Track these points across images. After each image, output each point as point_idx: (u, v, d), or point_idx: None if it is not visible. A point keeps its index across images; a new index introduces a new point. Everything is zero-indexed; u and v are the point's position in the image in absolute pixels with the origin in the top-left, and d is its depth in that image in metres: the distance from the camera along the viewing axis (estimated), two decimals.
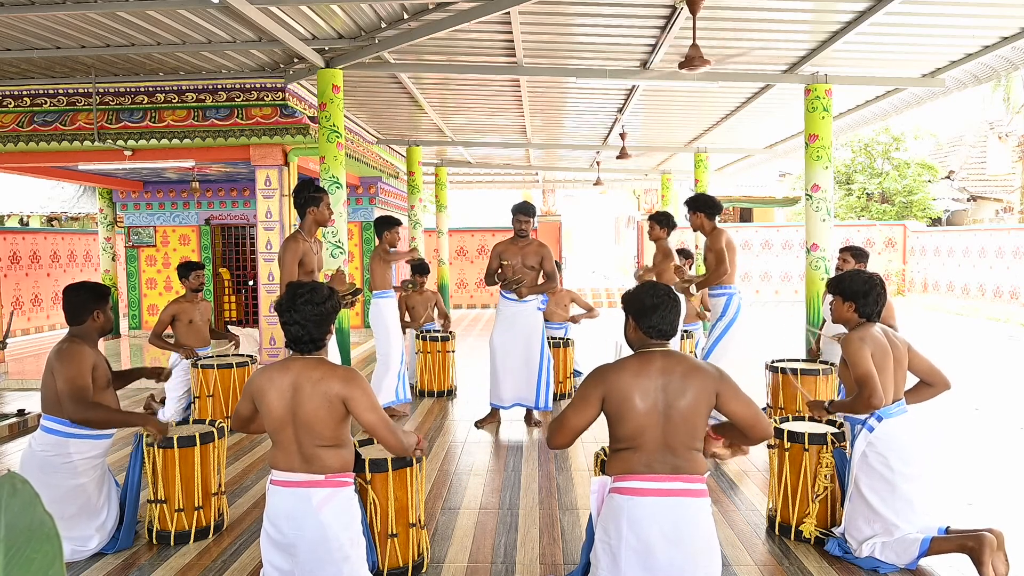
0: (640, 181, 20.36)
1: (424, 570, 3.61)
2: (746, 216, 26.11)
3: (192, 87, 8.43)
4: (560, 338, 7.62)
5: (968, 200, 24.20)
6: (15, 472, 0.87)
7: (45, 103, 8.57)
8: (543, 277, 6.25)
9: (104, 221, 13.21)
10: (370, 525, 3.39)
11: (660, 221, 6.37)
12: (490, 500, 4.58)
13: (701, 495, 2.51)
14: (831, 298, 3.83)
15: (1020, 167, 21.37)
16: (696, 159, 13.34)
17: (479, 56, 7.65)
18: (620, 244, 32.57)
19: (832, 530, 3.80)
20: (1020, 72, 16.38)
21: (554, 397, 6.72)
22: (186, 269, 5.96)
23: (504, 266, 6.20)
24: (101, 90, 8.48)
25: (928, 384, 3.70)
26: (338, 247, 7.46)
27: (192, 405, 6.13)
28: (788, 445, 3.93)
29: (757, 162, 15.27)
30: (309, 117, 8.62)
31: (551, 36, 6.98)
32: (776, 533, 3.99)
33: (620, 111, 10.19)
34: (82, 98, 8.53)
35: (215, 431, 4.08)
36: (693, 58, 5.42)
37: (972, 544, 3.28)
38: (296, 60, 7.92)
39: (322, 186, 6.00)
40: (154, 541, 3.94)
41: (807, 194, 7.85)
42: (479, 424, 6.44)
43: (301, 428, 2.63)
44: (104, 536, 3.83)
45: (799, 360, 5.88)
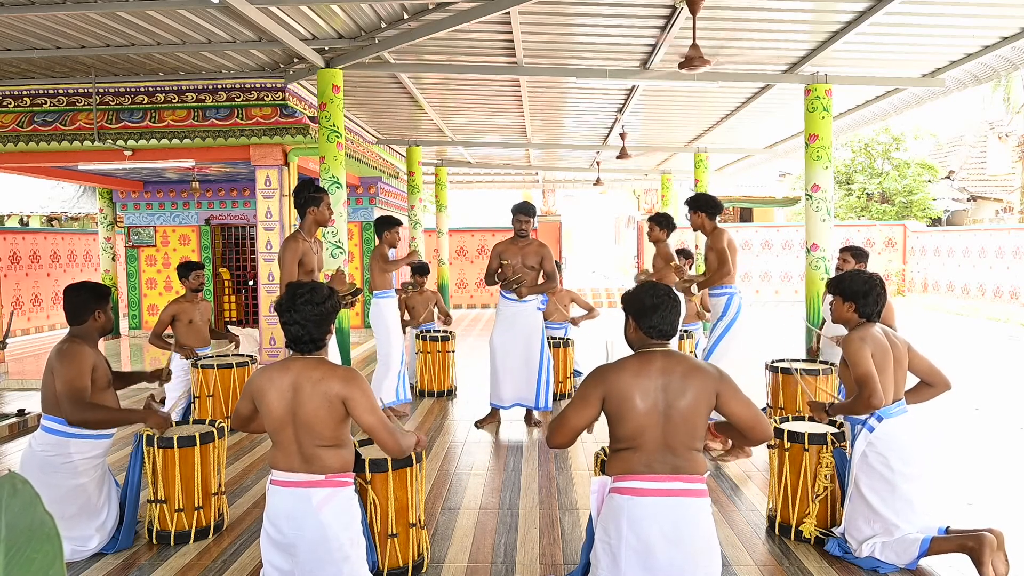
0: (640, 181, 20.37)
1: (424, 570, 3.61)
2: (746, 216, 26.11)
3: (192, 87, 8.44)
4: (560, 338, 7.62)
5: (968, 200, 24.20)
6: (15, 472, 0.87)
7: (45, 103, 8.57)
8: (543, 277, 6.25)
9: (104, 221, 13.22)
10: (370, 525, 3.39)
11: (660, 222, 6.37)
12: (490, 500, 4.58)
13: (701, 495, 2.52)
14: (831, 298, 3.83)
15: (1020, 167, 21.36)
16: (696, 159, 13.34)
17: (479, 56, 7.65)
18: (620, 244, 32.58)
19: (832, 530, 3.80)
20: (1020, 72, 16.38)
21: (554, 397, 6.72)
22: (186, 269, 5.96)
23: (504, 266, 6.20)
24: (101, 90, 8.48)
25: (928, 384, 3.70)
26: (338, 247, 7.47)
27: (192, 405, 6.13)
28: (788, 445, 3.93)
29: (757, 162, 15.27)
30: (309, 117, 8.62)
31: (551, 36, 6.98)
32: (776, 533, 3.99)
33: (620, 111, 10.19)
34: (82, 98, 8.54)
35: (215, 431, 4.08)
36: (693, 58, 5.42)
37: (972, 544, 3.28)
38: (296, 60, 7.93)
39: (322, 186, 6.00)
40: (154, 541, 3.94)
41: (807, 194, 7.85)
42: (479, 424, 6.44)
43: (301, 428, 2.63)
44: (104, 536, 3.83)
45: (799, 360, 5.88)
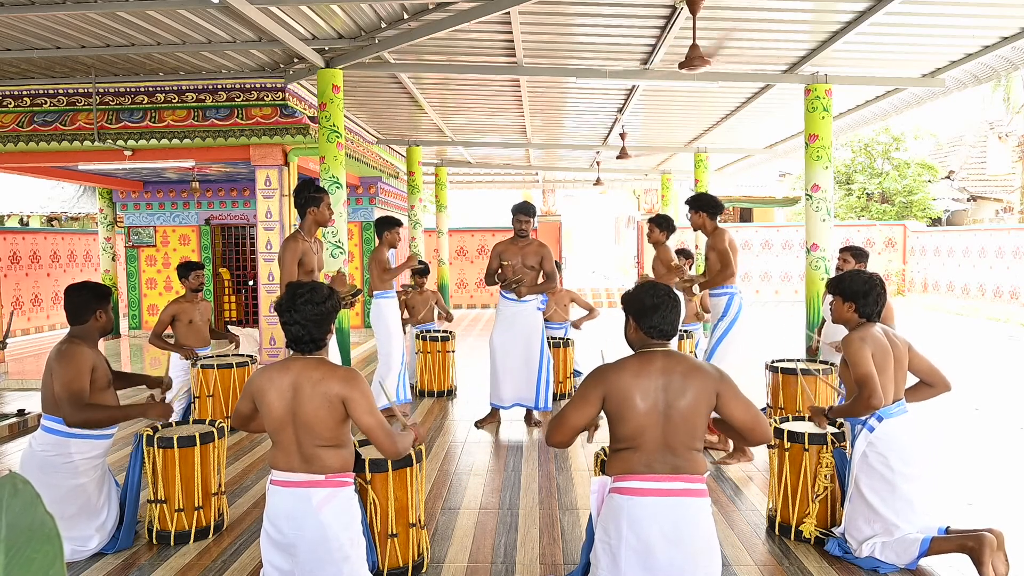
0: (640, 181, 20.38)
1: (424, 570, 3.61)
2: (746, 216, 26.11)
3: (192, 87, 8.44)
4: (560, 338, 7.62)
5: (968, 200, 24.20)
6: (16, 473, 0.87)
7: (45, 103, 8.57)
8: (543, 277, 6.25)
9: (104, 221, 13.22)
10: (370, 525, 3.39)
11: (660, 224, 6.36)
12: (490, 500, 4.58)
13: (701, 495, 2.52)
14: (831, 298, 3.83)
15: (1020, 167, 21.37)
16: (696, 159, 13.34)
17: (479, 56, 7.65)
18: (620, 244, 32.58)
19: (832, 530, 3.80)
20: (1020, 72, 16.38)
21: (554, 397, 6.72)
22: (186, 269, 5.96)
23: (504, 267, 6.20)
24: (101, 90, 8.48)
25: (928, 385, 3.70)
26: (338, 247, 7.47)
27: (192, 405, 6.13)
28: (788, 445, 3.93)
29: (757, 162, 15.28)
30: (309, 117, 8.62)
31: (551, 36, 6.98)
32: (776, 533, 3.99)
33: (620, 111, 10.19)
34: (82, 98, 8.54)
35: (215, 431, 4.08)
36: (693, 58, 5.43)
37: (972, 544, 3.28)
38: (296, 60, 7.93)
39: (322, 186, 6.00)
40: (154, 541, 3.94)
41: (807, 194, 7.85)
42: (479, 424, 6.44)
43: (301, 428, 2.63)
44: (104, 536, 3.83)
45: (799, 360, 5.87)
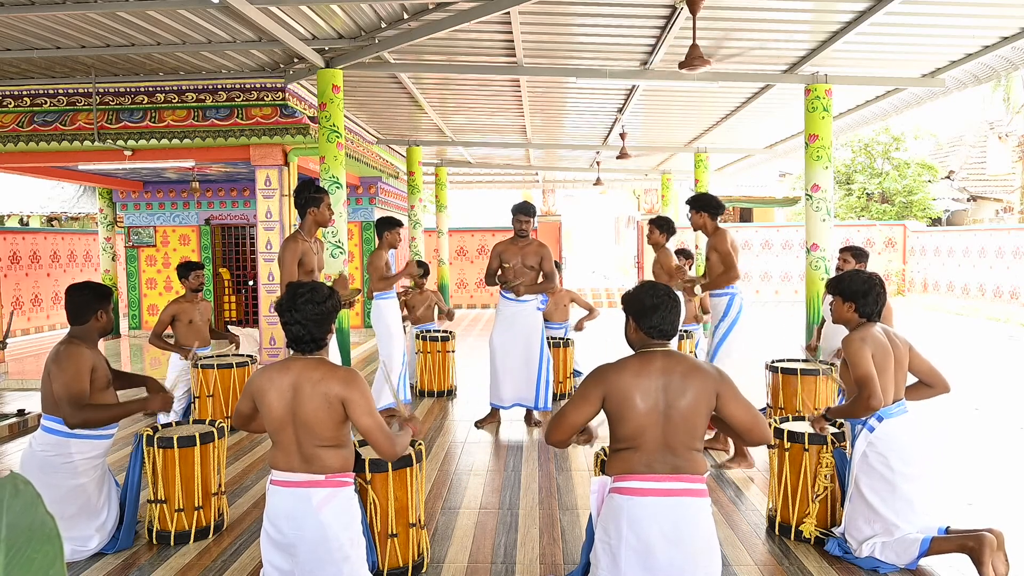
0: (640, 181, 20.37)
1: (424, 570, 3.61)
2: (746, 216, 26.11)
3: (192, 87, 8.44)
4: (560, 338, 7.61)
5: (968, 200, 24.20)
6: (17, 473, 0.87)
7: (45, 103, 8.57)
8: (542, 277, 6.24)
9: (104, 221, 13.22)
10: (370, 525, 3.39)
11: (660, 226, 6.34)
12: (490, 500, 4.58)
13: (701, 495, 2.52)
14: (831, 298, 3.83)
15: (1020, 167, 21.36)
16: (696, 159, 13.34)
17: (479, 56, 7.65)
18: (620, 244, 32.58)
19: (832, 530, 3.80)
20: (1020, 72, 16.38)
21: (554, 397, 6.72)
22: (186, 269, 5.96)
23: (505, 269, 6.20)
24: (101, 90, 8.48)
25: (928, 385, 3.70)
26: (338, 247, 7.47)
27: (192, 405, 6.13)
28: (788, 445, 3.93)
29: (757, 162, 15.28)
30: (309, 117, 8.62)
31: (551, 36, 6.98)
32: (776, 533, 3.99)
33: (620, 111, 10.19)
34: (82, 98, 8.54)
35: (215, 431, 4.08)
36: (693, 58, 5.43)
37: (972, 544, 3.28)
38: (296, 60, 7.93)
39: (322, 186, 6.00)
40: (154, 541, 3.94)
41: (807, 194, 7.85)
42: (479, 424, 6.44)
43: (301, 428, 2.63)
44: (104, 536, 3.83)
45: (799, 360, 5.87)
